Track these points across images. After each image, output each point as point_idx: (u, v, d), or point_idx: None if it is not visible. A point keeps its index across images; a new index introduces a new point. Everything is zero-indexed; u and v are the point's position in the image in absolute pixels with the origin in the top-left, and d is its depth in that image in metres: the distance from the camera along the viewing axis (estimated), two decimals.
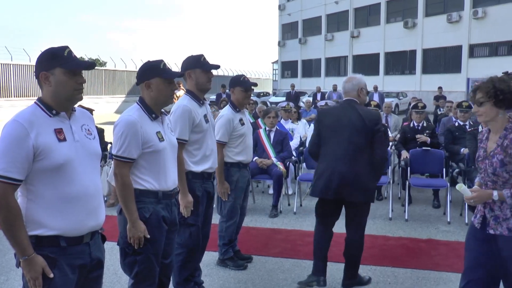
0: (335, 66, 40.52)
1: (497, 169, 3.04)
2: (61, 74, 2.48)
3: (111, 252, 4.91)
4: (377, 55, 35.72)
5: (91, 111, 8.14)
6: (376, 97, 20.21)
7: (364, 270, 4.88)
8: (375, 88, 22.55)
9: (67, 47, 2.55)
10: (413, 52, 32.88)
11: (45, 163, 2.40)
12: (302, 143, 9.04)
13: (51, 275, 2.46)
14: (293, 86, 24.72)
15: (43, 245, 2.45)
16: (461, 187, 3.17)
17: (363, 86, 4.50)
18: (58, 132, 2.48)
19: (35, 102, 2.54)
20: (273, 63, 52.04)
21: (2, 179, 2.32)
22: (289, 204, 7.63)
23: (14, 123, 2.39)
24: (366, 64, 36.75)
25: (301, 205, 7.61)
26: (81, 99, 2.59)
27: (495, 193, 3.02)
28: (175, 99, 10.61)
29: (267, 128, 7.57)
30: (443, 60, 30.96)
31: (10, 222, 2.34)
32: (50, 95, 2.51)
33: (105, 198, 7.59)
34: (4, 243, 5.76)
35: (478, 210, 3.23)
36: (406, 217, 6.84)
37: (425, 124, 8.19)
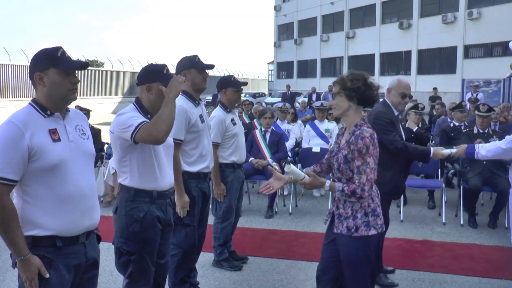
0: (331, 66, 40.55)
1: (341, 165, 3.00)
2: (55, 74, 2.50)
3: (107, 253, 4.91)
4: (372, 55, 35.78)
5: (88, 111, 8.18)
6: None
7: None
8: None
9: (60, 47, 2.57)
10: (408, 53, 32.94)
11: (40, 164, 2.41)
12: (297, 144, 9.04)
13: (47, 276, 2.47)
14: (288, 86, 24.75)
15: (39, 245, 2.46)
16: (289, 168, 2.92)
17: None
18: (53, 132, 2.50)
19: (29, 103, 2.56)
20: (268, 63, 52.05)
21: None
22: (284, 205, 7.64)
23: (9, 124, 2.40)
24: (362, 64, 36.77)
25: (296, 206, 7.63)
26: (75, 99, 2.60)
27: (327, 183, 2.97)
28: None
29: (262, 129, 7.58)
30: (438, 60, 31.03)
31: (6, 223, 2.35)
32: (45, 96, 2.52)
33: (101, 199, 7.59)
34: (1, 244, 5.74)
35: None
36: (401, 218, 6.86)
37: (420, 125, 8.20)
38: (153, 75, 3.21)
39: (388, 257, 5.37)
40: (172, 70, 3.58)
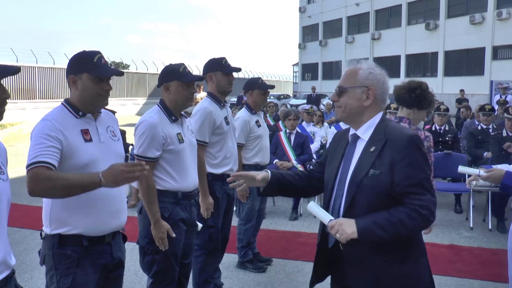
0: None
1: None
2: (88, 80, 2.52)
3: (132, 253, 4.95)
4: (398, 57, 35.42)
5: (113, 113, 8.24)
6: None
7: None
8: None
9: (98, 52, 2.59)
10: (435, 54, 32.52)
11: (71, 163, 2.44)
12: (322, 146, 9.00)
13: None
14: (314, 88, 24.66)
15: (66, 244, 2.50)
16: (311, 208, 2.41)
17: None
18: (84, 132, 2.54)
19: (62, 103, 2.60)
20: (293, 65, 51.94)
21: (37, 165, 2.31)
22: None
23: (44, 121, 2.45)
24: (387, 66, 36.07)
25: None
26: (106, 105, 2.63)
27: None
28: (196, 102, 10.68)
29: (287, 131, 7.56)
30: (466, 62, 30.55)
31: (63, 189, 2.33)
32: (77, 98, 2.56)
33: (126, 200, 7.65)
34: (29, 242, 5.86)
35: None
36: None
37: (447, 128, 8.08)
38: (170, 74, 3.27)
39: None
40: (197, 71, 3.60)
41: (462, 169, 3.18)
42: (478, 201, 7.50)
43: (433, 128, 8.14)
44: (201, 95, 13.01)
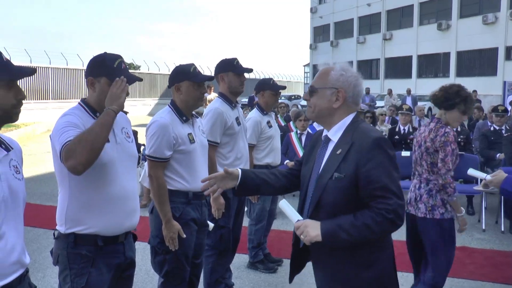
0: (367, 69, 40.12)
1: None
2: (106, 84, 2.52)
3: (143, 252, 4.98)
4: (410, 57, 35.23)
5: (125, 113, 8.28)
6: (408, 101, 19.94)
7: None
8: (408, 92, 22.26)
9: (119, 57, 2.59)
10: (447, 55, 32.30)
11: None
12: None
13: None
14: None
15: (81, 244, 2.51)
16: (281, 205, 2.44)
17: None
18: None
19: (79, 103, 2.61)
20: (304, 66, 51.85)
21: (65, 143, 2.31)
22: None
23: (67, 115, 2.47)
24: (399, 67, 36.31)
25: None
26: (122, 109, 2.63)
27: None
28: (206, 103, 10.70)
29: (298, 131, 7.56)
30: (478, 62, 30.31)
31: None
32: (94, 100, 2.57)
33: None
34: (41, 241, 5.91)
35: None
36: None
37: (459, 129, 8.04)
38: (180, 74, 3.28)
39: None
40: (207, 72, 3.61)
41: (471, 172, 3.23)
42: (490, 203, 7.44)
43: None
44: (211, 96, 13.04)
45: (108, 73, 2.51)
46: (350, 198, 2.13)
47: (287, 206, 2.29)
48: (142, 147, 8.58)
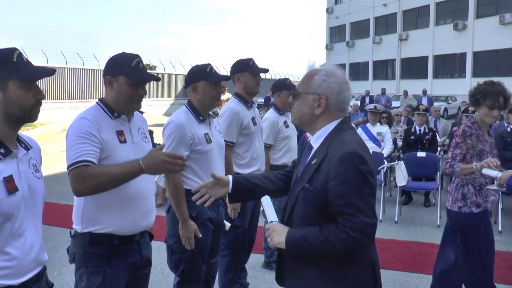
0: (383, 69, 39.93)
1: None
2: (124, 83, 2.54)
3: (159, 251, 5.01)
4: (426, 58, 34.97)
5: (141, 113, 8.33)
6: (424, 101, 19.79)
7: (411, 278, 4.79)
8: (424, 92, 22.09)
9: (137, 56, 2.60)
10: (463, 55, 31.99)
11: (107, 163, 2.47)
12: None
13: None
14: None
15: (97, 243, 2.53)
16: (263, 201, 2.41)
17: None
18: (120, 133, 2.56)
19: (97, 103, 2.62)
20: (320, 66, 51.64)
21: (78, 164, 2.35)
22: None
23: (82, 119, 2.48)
24: (414, 67, 36.06)
25: None
26: (139, 108, 2.65)
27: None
28: (222, 103, 10.70)
29: None
30: (495, 63, 29.96)
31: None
32: (111, 99, 2.59)
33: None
34: (57, 239, 5.97)
35: None
36: None
37: None
38: (197, 74, 3.29)
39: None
40: (224, 72, 3.62)
41: (485, 171, 3.30)
42: (507, 204, 7.36)
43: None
44: (225, 96, 13.05)
45: (126, 72, 2.53)
46: (320, 210, 2.04)
47: (267, 203, 2.25)
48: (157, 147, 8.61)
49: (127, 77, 2.52)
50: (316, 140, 2.19)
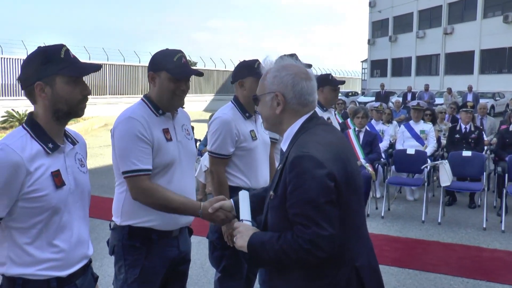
0: (426, 64, 39.03)
1: None
2: (166, 78, 2.53)
3: (198, 246, 5.03)
4: (472, 52, 33.91)
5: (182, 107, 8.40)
6: (470, 98, 19.27)
7: (455, 282, 4.65)
8: (469, 88, 21.49)
9: (179, 51, 2.59)
10: None
11: (155, 161, 2.49)
12: (391, 145, 8.81)
13: None
14: (383, 85, 24.11)
15: (135, 236, 2.56)
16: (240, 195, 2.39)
17: None
18: (165, 131, 2.57)
19: (141, 99, 2.63)
20: (362, 62, 51.10)
21: (139, 173, 2.43)
22: (376, 208, 7.44)
23: (132, 120, 2.48)
24: (460, 62, 35.07)
25: (389, 209, 7.40)
26: (182, 105, 2.64)
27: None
28: None
29: (356, 129, 7.42)
30: None
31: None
32: (155, 95, 2.59)
33: None
34: (99, 232, 6.09)
35: None
36: (502, 228, 6.40)
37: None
38: (244, 70, 3.24)
39: (487, 269, 5.05)
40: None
41: None
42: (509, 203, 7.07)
43: (511, 129, 7.81)
44: None
45: (169, 68, 2.52)
46: (286, 219, 1.86)
47: (243, 199, 2.18)
48: (198, 143, 8.68)
49: (169, 73, 2.51)
50: (284, 142, 2.04)
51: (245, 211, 2.14)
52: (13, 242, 1.88)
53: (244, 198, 2.20)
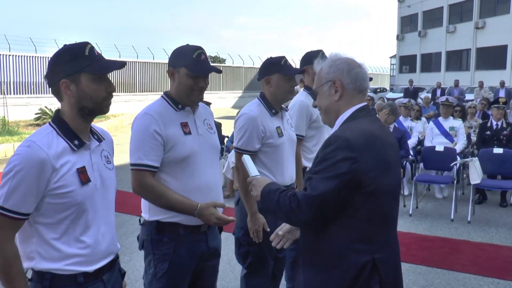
0: (457, 60, 38.29)
1: None
2: (184, 75, 2.57)
3: (225, 242, 5.04)
4: (505, 47, 33.07)
5: (208, 104, 8.44)
6: (502, 93, 18.81)
7: (485, 283, 4.57)
8: (502, 84, 20.98)
9: (199, 48, 2.62)
10: None
11: (172, 155, 2.54)
12: (420, 142, 8.68)
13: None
14: (411, 81, 23.77)
15: (163, 231, 2.60)
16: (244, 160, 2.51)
17: None
18: (184, 125, 2.61)
19: (162, 96, 2.68)
20: (390, 57, 50.51)
21: (143, 168, 2.51)
22: (404, 206, 7.34)
23: (146, 115, 2.55)
24: (491, 57, 34.28)
25: (417, 207, 7.31)
26: (200, 100, 2.67)
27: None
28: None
29: None
30: None
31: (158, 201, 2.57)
32: (174, 91, 2.64)
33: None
34: (128, 226, 6.18)
35: None
36: None
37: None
38: (271, 67, 3.25)
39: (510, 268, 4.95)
40: (294, 65, 3.54)
41: None
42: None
43: None
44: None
45: (187, 64, 2.55)
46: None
47: (248, 161, 2.36)
48: (225, 139, 8.71)
49: (187, 69, 2.55)
50: (333, 129, 2.15)
51: (253, 170, 2.30)
52: (41, 238, 1.92)
53: (248, 160, 2.37)
